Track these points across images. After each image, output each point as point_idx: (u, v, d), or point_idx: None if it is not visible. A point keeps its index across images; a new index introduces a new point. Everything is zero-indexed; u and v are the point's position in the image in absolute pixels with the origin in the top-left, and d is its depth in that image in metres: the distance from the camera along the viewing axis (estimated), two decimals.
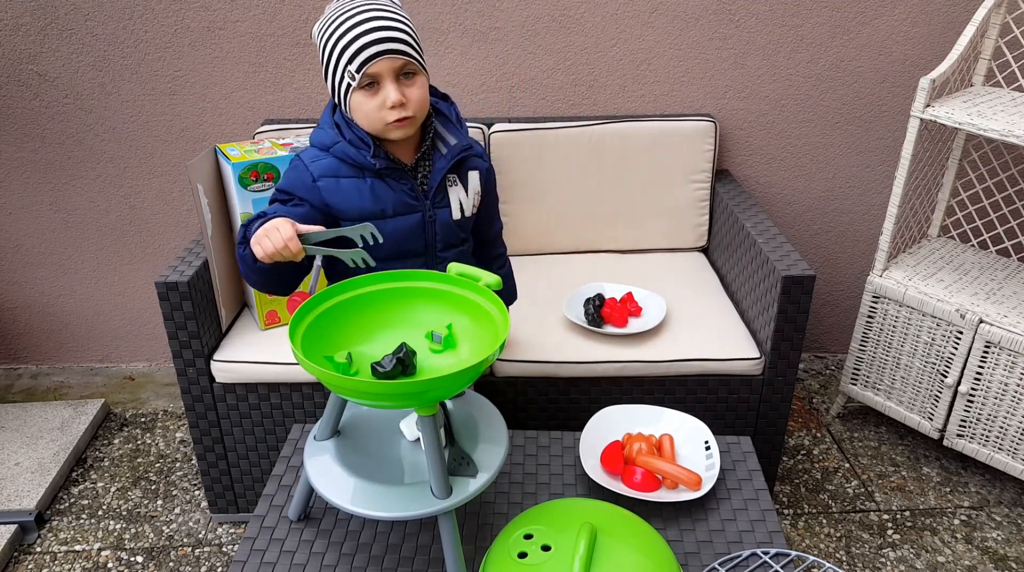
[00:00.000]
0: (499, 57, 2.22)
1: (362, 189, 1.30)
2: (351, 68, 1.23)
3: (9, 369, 2.64)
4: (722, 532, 1.17)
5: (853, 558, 1.89)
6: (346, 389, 0.92)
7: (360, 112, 1.27)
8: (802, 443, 2.28)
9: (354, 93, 1.25)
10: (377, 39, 1.22)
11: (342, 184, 1.30)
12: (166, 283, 1.70)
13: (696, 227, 2.25)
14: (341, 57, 1.23)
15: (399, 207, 1.33)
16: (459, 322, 1.09)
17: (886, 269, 2.14)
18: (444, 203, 1.37)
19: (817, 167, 2.39)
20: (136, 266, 2.49)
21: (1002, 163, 2.28)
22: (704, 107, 2.30)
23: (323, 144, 1.31)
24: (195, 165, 1.69)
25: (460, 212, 1.39)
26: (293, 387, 1.82)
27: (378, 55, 1.22)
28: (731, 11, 2.18)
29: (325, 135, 1.31)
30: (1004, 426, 1.96)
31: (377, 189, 1.31)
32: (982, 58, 2.10)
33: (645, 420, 1.35)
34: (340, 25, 1.23)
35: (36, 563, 1.90)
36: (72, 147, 2.31)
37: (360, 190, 1.30)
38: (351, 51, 1.22)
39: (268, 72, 2.22)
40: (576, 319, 1.86)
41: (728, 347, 1.82)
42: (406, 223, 1.34)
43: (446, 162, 1.35)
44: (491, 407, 1.18)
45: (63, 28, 2.15)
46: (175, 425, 2.38)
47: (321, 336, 1.04)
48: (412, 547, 1.14)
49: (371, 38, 1.22)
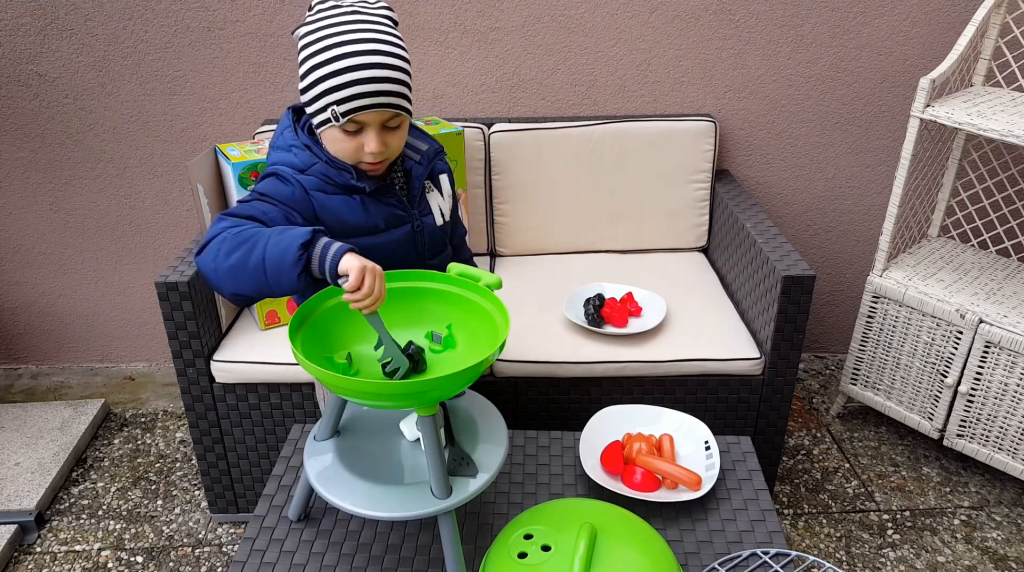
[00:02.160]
0: (499, 57, 2.22)
1: (353, 206, 1.22)
2: (337, 109, 1.12)
3: (9, 369, 2.64)
4: (722, 532, 1.17)
5: (853, 558, 1.89)
6: (346, 389, 0.92)
7: (333, 146, 1.19)
8: (802, 443, 2.28)
9: (330, 129, 1.16)
10: (374, 90, 1.11)
11: (332, 201, 1.21)
12: (166, 283, 1.70)
13: (696, 227, 2.25)
14: (329, 93, 1.12)
15: (391, 221, 1.26)
16: (459, 322, 1.09)
17: (886, 269, 2.14)
18: (427, 210, 1.32)
19: (817, 167, 2.39)
20: (136, 266, 2.49)
21: (1002, 163, 2.28)
22: (704, 107, 2.30)
23: (294, 166, 1.19)
24: (195, 165, 1.69)
25: (442, 217, 1.34)
26: (293, 387, 1.82)
27: (371, 107, 1.13)
28: (731, 11, 2.18)
29: (296, 158, 1.20)
30: (1004, 426, 1.96)
31: (368, 205, 1.23)
32: (982, 58, 2.10)
33: (645, 420, 1.35)
34: (334, 51, 1.11)
35: (36, 563, 1.90)
36: (72, 147, 2.31)
37: (351, 207, 1.22)
38: (343, 94, 1.11)
39: (268, 72, 2.22)
40: (576, 319, 1.86)
41: (728, 347, 1.82)
42: (399, 235, 1.27)
43: (423, 169, 1.30)
44: (491, 407, 1.18)
45: (63, 28, 2.15)
46: (175, 425, 2.38)
47: (321, 336, 1.04)
48: (412, 547, 1.14)
49: (367, 88, 1.11)
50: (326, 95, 1.12)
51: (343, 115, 1.13)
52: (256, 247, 1.02)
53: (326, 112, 1.13)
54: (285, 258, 0.99)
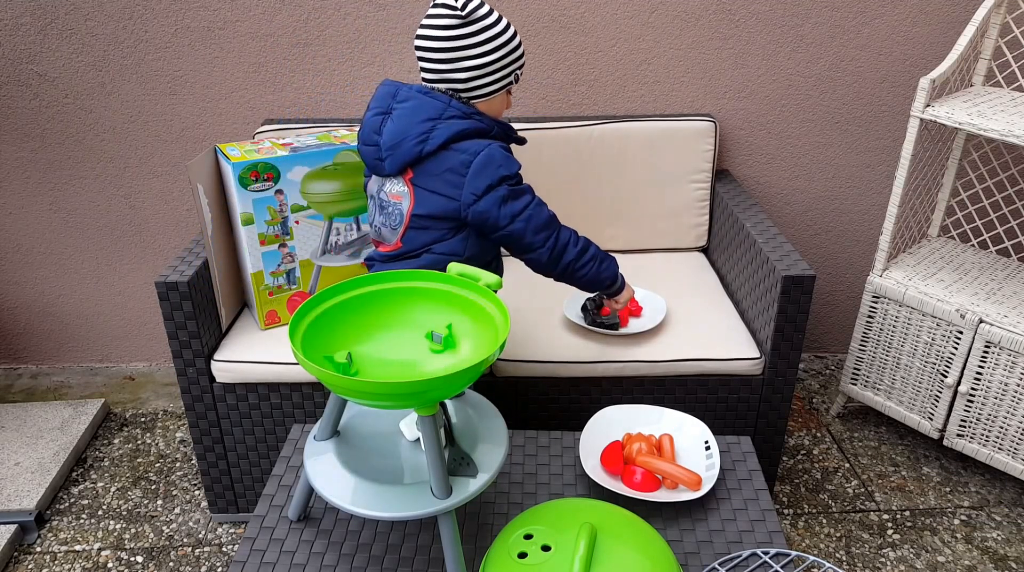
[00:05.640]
0: None
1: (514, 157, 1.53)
2: (519, 72, 1.51)
3: (9, 369, 2.64)
4: (722, 532, 1.17)
5: (853, 558, 1.90)
6: (346, 389, 0.92)
7: (495, 107, 1.52)
8: (802, 443, 2.28)
9: (504, 92, 1.51)
10: None
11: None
12: (166, 283, 1.70)
13: (696, 227, 2.25)
14: (518, 60, 1.50)
15: None
16: (459, 322, 1.09)
17: (886, 269, 2.14)
18: None
19: (817, 167, 2.39)
20: (136, 266, 2.49)
21: (1002, 163, 2.28)
22: (704, 107, 2.30)
23: (483, 130, 1.47)
24: (195, 165, 1.69)
25: None
26: (293, 387, 1.82)
27: None
28: (731, 11, 2.18)
29: (481, 123, 1.47)
30: (1004, 426, 1.96)
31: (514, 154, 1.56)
32: (982, 58, 2.10)
33: (645, 420, 1.35)
34: (516, 32, 1.50)
35: (36, 563, 1.90)
36: (72, 147, 2.31)
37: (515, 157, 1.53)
38: (524, 60, 1.52)
39: (268, 72, 2.22)
40: (576, 319, 1.86)
41: (728, 347, 1.82)
42: None
43: None
44: (491, 407, 1.19)
45: (63, 28, 2.15)
46: (175, 425, 2.38)
47: (321, 336, 1.04)
48: (412, 547, 1.14)
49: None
50: (516, 63, 1.50)
51: (520, 76, 1.59)
52: (599, 264, 1.58)
53: (510, 76, 1.50)
54: (603, 279, 1.61)
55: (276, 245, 1.81)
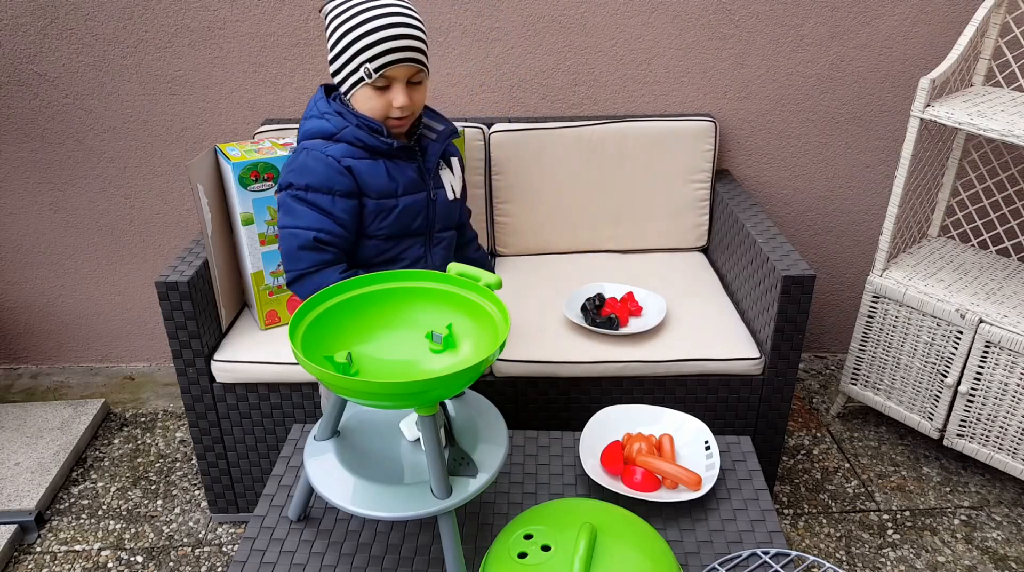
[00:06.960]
0: (499, 57, 2.22)
1: (378, 169, 1.37)
2: (369, 66, 1.29)
3: (9, 369, 2.64)
4: (722, 532, 1.17)
5: (853, 558, 1.90)
6: (346, 389, 0.92)
7: (364, 106, 1.35)
8: (802, 443, 2.28)
9: (363, 87, 1.33)
10: (400, 46, 1.29)
11: (360, 165, 1.36)
12: (166, 283, 1.70)
13: (696, 227, 2.25)
14: (362, 52, 1.29)
15: (409, 186, 1.40)
16: (459, 322, 1.09)
17: (886, 269, 2.14)
18: (440, 184, 1.47)
19: (817, 167, 2.39)
20: (136, 266, 2.49)
21: (1002, 163, 2.28)
22: (704, 107, 2.30)
23: (326, 132, 1.36)
24: (195, 165, 1.69)
25: (453, 193, 1.49)
26: (293, 387, 1.82)
27: (399, 62, 1.30)
28: (731, 11, 2.18)
29: (328, 123, 1.36)
30: (1004, 426, 1.96)
31: (390, 169, 1.38)
32: (982, 58, 2.10)
33: (645, 420, 1.35)
34: (363, 16, 1.28)
35: (36, 563, 1.90)
36: (72, 147, 2.31)
37: (376, 170, 1.37)
38: (375, 51, 1.28)
39: (268, 72, 2.22)
40: (576, 319, 1.86)
41: (728, 347, 1.82)
42: (414, 202, 1.41)
43: (439, 145, 1.45)
44: (491, 407, 1.18)
45: (63, 28, 2.15)
46: (175, 425, 2.38)
47: (321, 336, 1.04)
48: (412, 547, 1.14)
49: (395, 44, 1.29)
50: (360, 54, 1.29)
51: (375, 71, 1.30)
52: None
53: (359, 72, 1.30)
54: None
55: (276, 245, 1.81)
